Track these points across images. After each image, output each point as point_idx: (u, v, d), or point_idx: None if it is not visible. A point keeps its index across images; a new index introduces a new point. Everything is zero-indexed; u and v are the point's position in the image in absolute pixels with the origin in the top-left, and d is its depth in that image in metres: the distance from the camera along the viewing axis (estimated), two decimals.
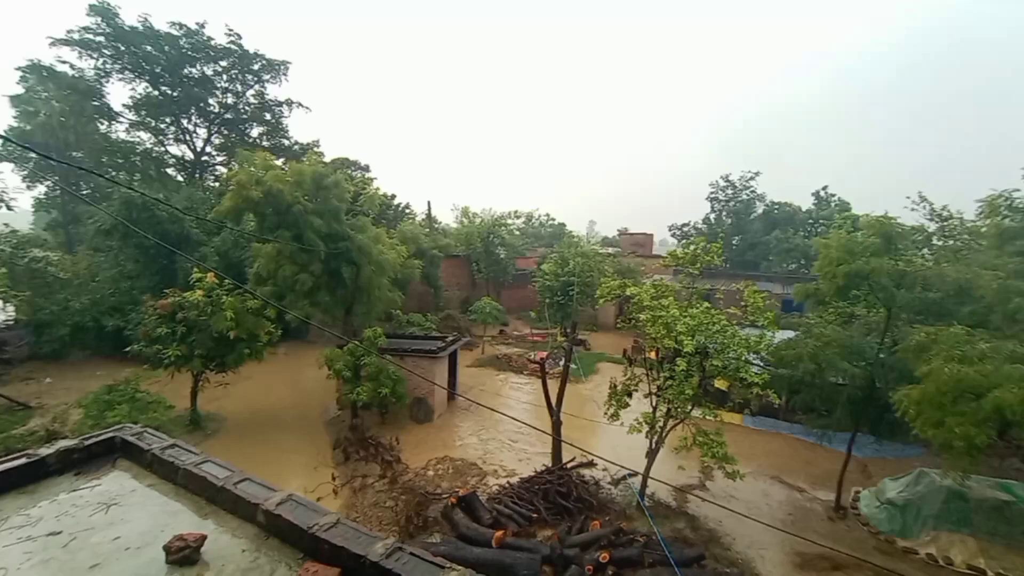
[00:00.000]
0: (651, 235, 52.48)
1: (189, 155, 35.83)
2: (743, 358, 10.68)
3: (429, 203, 40.03)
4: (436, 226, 42.73)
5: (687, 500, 12.52)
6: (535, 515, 11.09)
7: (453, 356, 19.64)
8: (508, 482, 12.79)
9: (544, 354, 24.15)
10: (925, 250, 20.04)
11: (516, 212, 47.63)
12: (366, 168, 36.65)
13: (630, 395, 12.35)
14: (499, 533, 9.78)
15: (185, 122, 34.95)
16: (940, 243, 21.63)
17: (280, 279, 15.45)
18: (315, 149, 34.71)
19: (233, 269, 22.79)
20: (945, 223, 22.58)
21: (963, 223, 21.49)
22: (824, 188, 45.38)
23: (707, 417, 11.19)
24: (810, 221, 44.10)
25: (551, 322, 30.22)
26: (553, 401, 13.35)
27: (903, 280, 12.02)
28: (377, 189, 24.07)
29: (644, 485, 11.88)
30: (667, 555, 8.92)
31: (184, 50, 32.64)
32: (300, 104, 37.22)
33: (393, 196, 36.38)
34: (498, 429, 16.70)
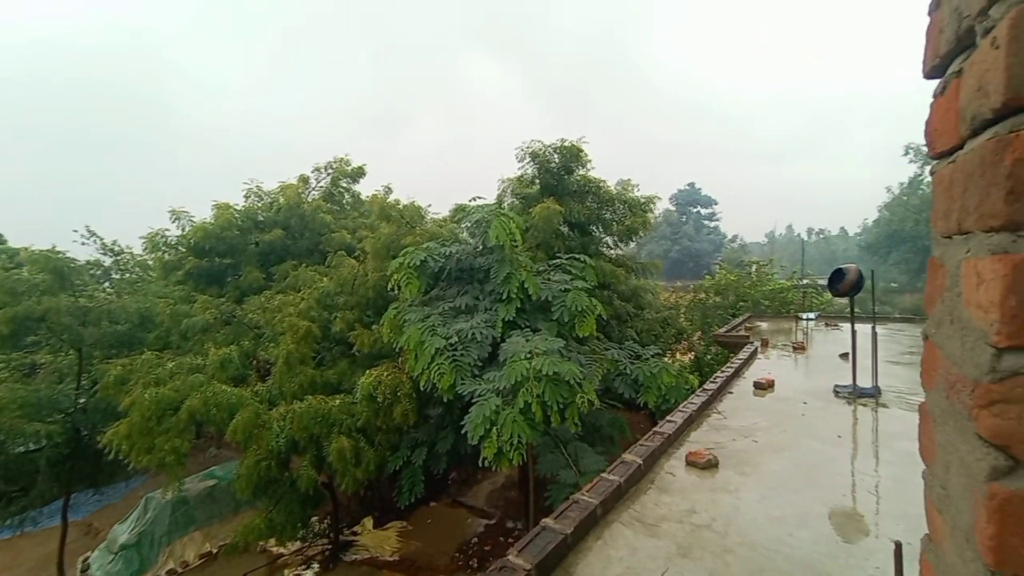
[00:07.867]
0: None
1: None
2: None
3: None
4: None
5: None
6: None
7: None
8: None
9: None
10: (107, 283, 20.11)
11: None
12: None
13: None
14: None
15: None
16: (118, 276, 22.32)
17: None
18: None
19: None
20: (119, 257, 23.50)
21: (134, 257, 23.17)
22: None
23: None
24: None
25: None
26: None
27: (88, 316, 11.47)
28: None
29: None
30: None
31: None
32: None
33: None
34: None
